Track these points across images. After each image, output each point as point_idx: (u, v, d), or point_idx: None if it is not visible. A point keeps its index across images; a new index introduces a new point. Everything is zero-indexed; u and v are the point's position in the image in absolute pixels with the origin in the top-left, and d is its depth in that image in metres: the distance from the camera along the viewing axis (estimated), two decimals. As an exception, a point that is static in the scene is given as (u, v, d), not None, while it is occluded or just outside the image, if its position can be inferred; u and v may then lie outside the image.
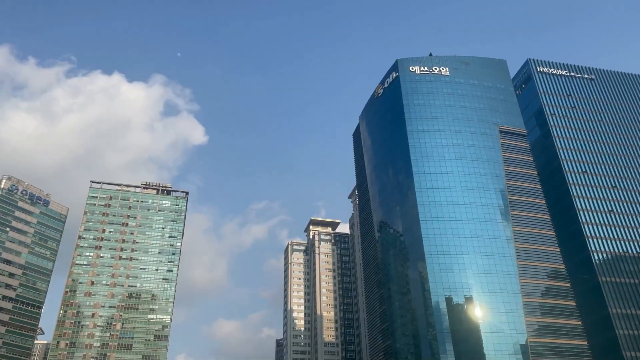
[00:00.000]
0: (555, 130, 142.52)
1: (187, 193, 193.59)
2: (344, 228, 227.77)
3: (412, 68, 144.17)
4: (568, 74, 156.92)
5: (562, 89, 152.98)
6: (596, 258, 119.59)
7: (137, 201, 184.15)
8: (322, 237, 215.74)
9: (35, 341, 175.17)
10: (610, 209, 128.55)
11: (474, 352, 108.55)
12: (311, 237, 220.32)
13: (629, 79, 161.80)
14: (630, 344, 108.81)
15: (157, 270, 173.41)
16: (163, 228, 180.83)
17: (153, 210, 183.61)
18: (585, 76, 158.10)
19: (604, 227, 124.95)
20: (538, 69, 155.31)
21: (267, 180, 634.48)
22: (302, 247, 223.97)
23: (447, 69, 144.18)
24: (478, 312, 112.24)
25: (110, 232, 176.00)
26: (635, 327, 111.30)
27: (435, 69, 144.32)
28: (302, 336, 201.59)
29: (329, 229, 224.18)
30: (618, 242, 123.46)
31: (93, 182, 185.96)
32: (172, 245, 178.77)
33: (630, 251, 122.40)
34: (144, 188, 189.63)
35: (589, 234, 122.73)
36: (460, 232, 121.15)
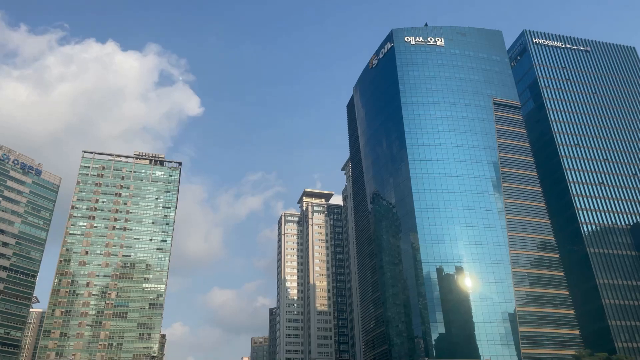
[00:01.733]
0: (549, 102, 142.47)
1: (180, 164, 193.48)
2: (337, 200, 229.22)
3: (407, 39, 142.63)
4: (563, 46, 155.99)
5: (557, 60, 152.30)
6: (585, 230, 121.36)
7: (130, 171, 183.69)
8: (316, 208, 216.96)
9: (31, 309, 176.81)
10: (600, 181, 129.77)
11: (463, 321, 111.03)
12: (304, 208, 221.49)
13: (624, 51, 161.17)
14: (616, 313, 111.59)
15: (151, 240, 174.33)
16: (156, 199, 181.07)
17: (146, 181, 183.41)
18: (581, 48, 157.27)
19: (594, 200, 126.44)
20: (534, 41, 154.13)
21: (263, 151, 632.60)
22: (296, 219, 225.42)
23: (442, 39, 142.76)
24: (468, 282, 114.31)
25: (103, 202, 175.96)
26: (621, 296, 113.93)
27: (431, 39, 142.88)
28: (296, 305, 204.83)
29: (323, 201, 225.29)
30: (607, 214, 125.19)
31: (85, 151, 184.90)
32: (165, 215, 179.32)
33: (618, 223, 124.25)
34: (136, 158, 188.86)
35: (579, 206, 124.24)
36: (452, 203, 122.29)
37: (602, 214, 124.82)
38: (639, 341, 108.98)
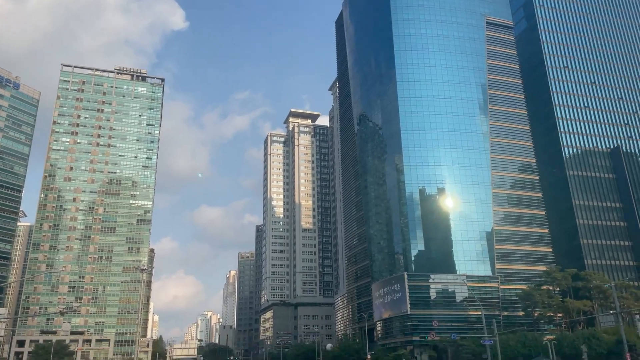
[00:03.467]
0: (542, 22, 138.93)
1: (163, 80, 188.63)
2: (323, 120, 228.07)
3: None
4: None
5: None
6: (566, 152, 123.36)
7: (112, 87, 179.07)
8: (302, 129, 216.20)
9: (18, 223, 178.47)
10: (586, 105, 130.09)
11: (442, 238, 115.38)
12: (291, 129, 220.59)
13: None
14: (588, 233, 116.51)
15: (136, 157, 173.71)
16: (140, 115, 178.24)
17: (128, 97, 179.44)
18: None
19: (578, 123, 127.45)
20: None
21: (250, 70, 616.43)
22: (282, 139, 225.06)
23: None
24: (449, 202, 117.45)
25: (85, 117, 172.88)
26: (594, 217, 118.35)
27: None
28: (281, 222, 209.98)
29: (309, 121, 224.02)
30: (590, 137, 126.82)
31: (64, 65, 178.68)
32: (150, 133, 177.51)
33: (599, 147, 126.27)
34: (117, 73, 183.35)
35: (562, 129, 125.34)
36: (438, 126, 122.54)
37: (585, 137, 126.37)
38: (607, 258, 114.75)
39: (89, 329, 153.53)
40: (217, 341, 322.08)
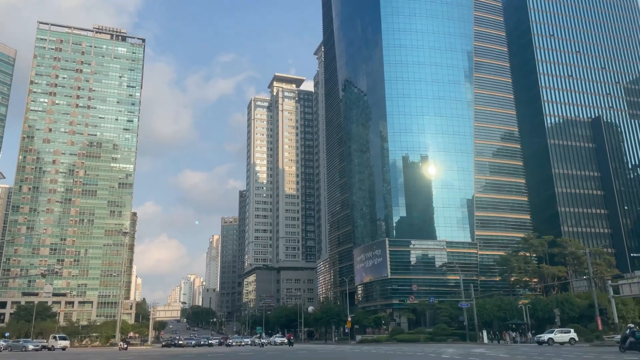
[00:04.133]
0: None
1: (143, 40, 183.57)
2: (308, 85, 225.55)
3: None
4: None
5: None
6: (549, 122, 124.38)
7: (91, 47, 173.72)
8: (286, 94, 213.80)
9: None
10: (570, 74, 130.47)
11: (424, 205, 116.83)
12: (275, 93, 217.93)
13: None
14: (566, 201, 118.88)
15: (116, 120, 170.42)
16: (120, 77, 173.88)
17: (108, 57, 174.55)
18: None
19: (561, 92, 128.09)
20: None
21: (236, 33, 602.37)
22: (266, 104, 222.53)
23: None
24: (432, 170, 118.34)
25: (63, 78, 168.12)
26: (572, 185, 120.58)
27: None
28: (265, 188, 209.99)
29: (293, 86, 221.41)
30: (572, 107, 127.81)
31: (41, 22, 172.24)
32: (130, 95, 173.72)
33: (581, 116, 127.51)
34: (96, 32, 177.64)
35: (546, 98, 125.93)
36: (423, 93, 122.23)
37: (567, 106, 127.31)
38: (583, 226, 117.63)
39: (71, 291, 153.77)
40: (200, 304, 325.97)
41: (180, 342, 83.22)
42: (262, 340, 77.45)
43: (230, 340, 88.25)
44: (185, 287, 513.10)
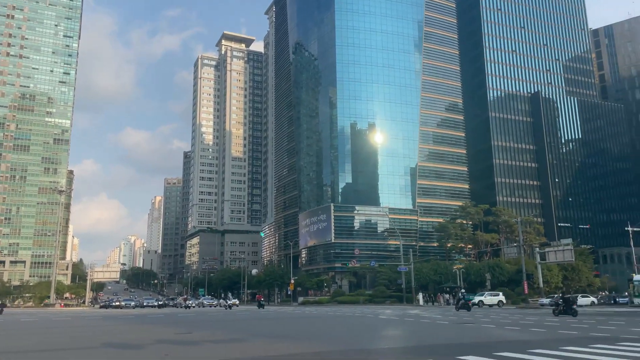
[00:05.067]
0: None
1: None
2: (258, 46, 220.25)
3: None
4: None
5: None
6: (491, 95, 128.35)
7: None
8: (235, 53, 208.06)
9: None
10: (513, 49, 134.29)
11: (369, 172, 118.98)
12: (223, 52, 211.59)
13: None
14: (503, 172, 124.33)
15: (52, 71, 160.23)
16: (56, 25, 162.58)
17: (43, 4, 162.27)
18: None
19: (505, 67, 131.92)
20: None
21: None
22: (214, 63, 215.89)
23: None
24: (378, 138, 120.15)
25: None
26: (509, 157, 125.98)
27: None
28: (211, 150, 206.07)
29: (243, 46, 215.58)
30: (514, 81, 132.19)
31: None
32: (67, 45, 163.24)
33: (521, 91, 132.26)
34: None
35: (490, 72, 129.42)
36: (373, 60, 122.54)
37: (509, 81, 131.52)
38: (516, 196, 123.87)
39: (2, 250, 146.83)
40: (141, 265, 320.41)
41: (116, 303, 76.03)
42: (228, 302, 66.84)
43: (191, 302, 73.20)
44: (125, 249, 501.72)
